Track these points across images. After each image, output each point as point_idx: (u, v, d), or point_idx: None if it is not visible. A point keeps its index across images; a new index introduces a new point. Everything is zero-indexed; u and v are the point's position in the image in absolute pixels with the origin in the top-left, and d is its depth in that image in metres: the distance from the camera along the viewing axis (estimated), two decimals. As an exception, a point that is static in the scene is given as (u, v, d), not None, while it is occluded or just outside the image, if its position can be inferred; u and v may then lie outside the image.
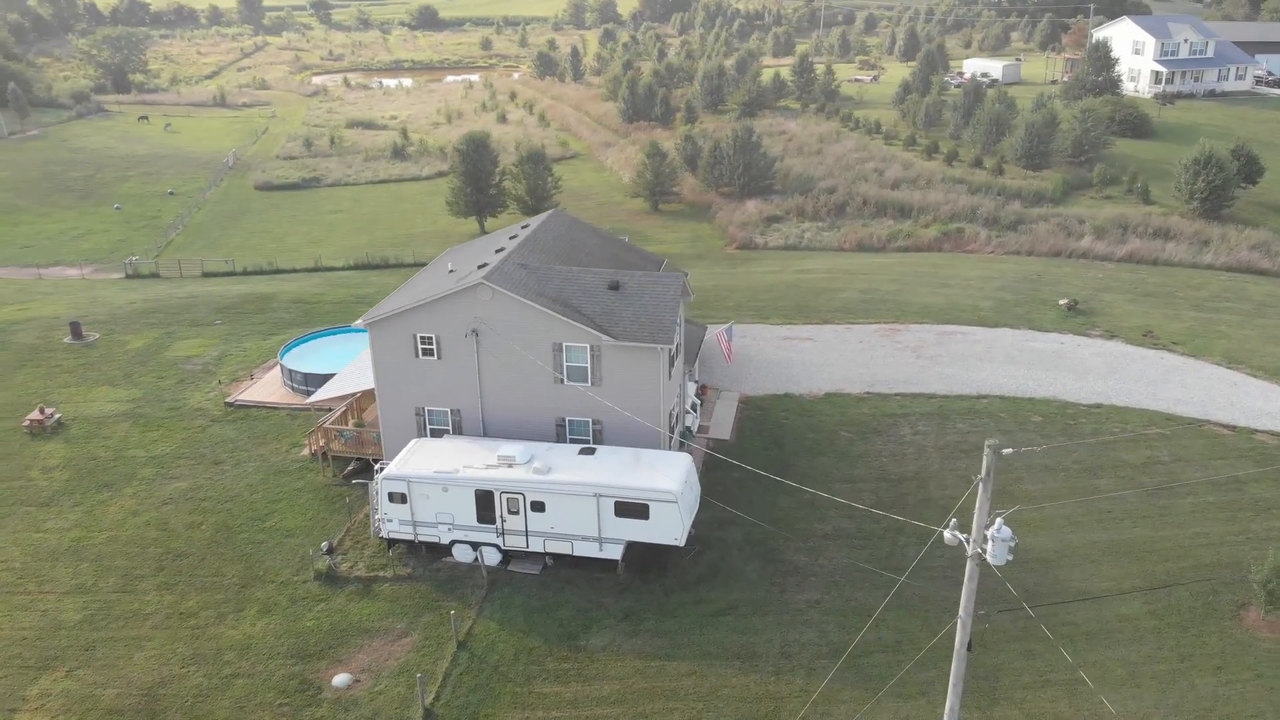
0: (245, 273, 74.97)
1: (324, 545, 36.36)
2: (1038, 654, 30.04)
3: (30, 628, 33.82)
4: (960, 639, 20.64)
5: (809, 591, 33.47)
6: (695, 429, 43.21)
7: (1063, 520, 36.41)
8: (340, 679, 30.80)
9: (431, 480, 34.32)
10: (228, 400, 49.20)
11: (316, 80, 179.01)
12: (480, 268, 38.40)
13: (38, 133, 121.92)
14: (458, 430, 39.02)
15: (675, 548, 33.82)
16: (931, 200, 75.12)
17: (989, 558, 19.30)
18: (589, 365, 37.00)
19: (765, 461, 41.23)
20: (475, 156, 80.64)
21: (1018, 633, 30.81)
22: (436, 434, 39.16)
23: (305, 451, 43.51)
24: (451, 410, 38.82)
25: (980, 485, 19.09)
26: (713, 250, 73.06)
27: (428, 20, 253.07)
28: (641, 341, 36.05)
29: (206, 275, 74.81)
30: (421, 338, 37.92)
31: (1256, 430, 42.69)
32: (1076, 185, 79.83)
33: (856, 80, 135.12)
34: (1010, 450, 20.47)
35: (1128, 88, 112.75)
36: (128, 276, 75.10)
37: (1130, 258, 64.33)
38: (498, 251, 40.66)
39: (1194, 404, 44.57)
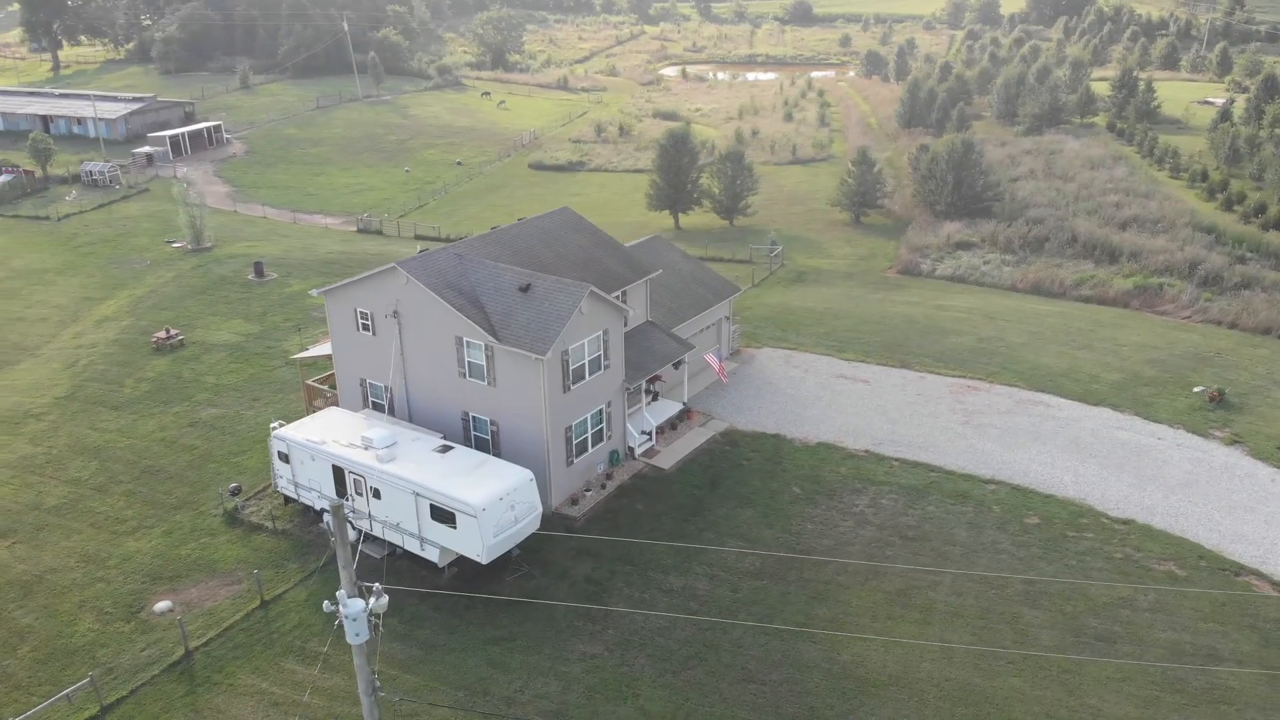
0: (448, 239, 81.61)
1: (231, 486, 39.66)
2: (750, 785, 25.21)
3: (18, 503, 40.67)
4: (366, 720, 18.37)
5: (595, 645, 30.66)
6: (639, 452, 40.73)
7: (935, 648, 29.66)
8: (161, 605, 33.76)
9: (303, 447, 36.05)
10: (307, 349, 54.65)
11: (662, 71, 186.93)
12: (420, 252, 39.23)
13: (388, 98, 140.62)
14: (390, 408, 40.38)
15: (516, 561, 33.35)
16: (1150, 247, 62.45)
17: (348, 638, 17.05)
18: (485, 364, 36.51)
19: (683, 501, 38.01)
20: (674, 152, 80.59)
21: (752, 754, 26.07)
22: (378, 407, 40.87)
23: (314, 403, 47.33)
24: (385, 387, 40.24)
25: (335, 549, 16.88)
26: (871, 271, 66.85)
27: (801, 15, 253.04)
28: (522, 348, 34.89)
29: (418, 238, 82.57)
30: (360, 313, 39.65)
31: (1334, 601, 31.42)
32: (1370, 250, 62.05)
33: (1206, 102, 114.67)
34: (348, 505, 17.84)
35: None
36: (358, 230, 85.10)
37: (1363, 349, 49.12)
38: (459, 239, 41.16)
39: (1260, 545, 33.67)
